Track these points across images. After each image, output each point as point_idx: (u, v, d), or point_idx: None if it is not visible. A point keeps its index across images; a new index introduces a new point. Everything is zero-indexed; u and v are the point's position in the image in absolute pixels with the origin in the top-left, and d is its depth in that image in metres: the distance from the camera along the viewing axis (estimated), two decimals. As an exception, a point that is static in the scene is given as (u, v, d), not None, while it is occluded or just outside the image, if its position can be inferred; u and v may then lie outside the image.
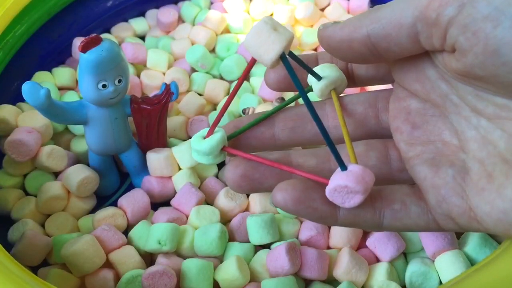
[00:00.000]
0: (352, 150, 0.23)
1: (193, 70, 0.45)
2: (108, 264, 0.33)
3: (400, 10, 0.21)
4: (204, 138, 0.25)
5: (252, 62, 0.23)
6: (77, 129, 0.40)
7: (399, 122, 0.25)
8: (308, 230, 0.34)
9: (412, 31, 0.21)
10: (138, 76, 0.44)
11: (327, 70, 0.27)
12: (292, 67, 0.22)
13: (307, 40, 0.46)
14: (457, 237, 0.33)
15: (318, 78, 0.26)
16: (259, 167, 0.25)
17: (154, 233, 0.33)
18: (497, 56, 0.19)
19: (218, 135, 0.25)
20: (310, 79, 0.27)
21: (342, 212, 0.23)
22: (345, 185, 0.22)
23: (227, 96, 0.43)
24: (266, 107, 0.40)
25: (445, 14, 0.20)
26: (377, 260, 0.33)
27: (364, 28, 0.22)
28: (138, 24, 0.49)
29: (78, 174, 0.36)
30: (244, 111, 0.36)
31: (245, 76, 0.23)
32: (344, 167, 0.22)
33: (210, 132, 0.25)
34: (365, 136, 0.27)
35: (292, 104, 0.28)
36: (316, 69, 0.27)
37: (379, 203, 0.23)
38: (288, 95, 0.42)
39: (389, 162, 0.25)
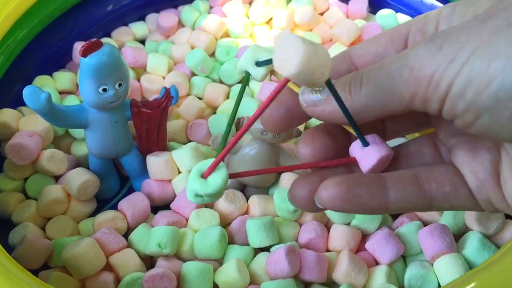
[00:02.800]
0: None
1: (193, 74, 0.45)
2: (108, 267, 0.33)
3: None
4: (204, 176, 0.22)
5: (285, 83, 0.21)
6: (78, 133, 0.41)
7: (435, 116, 0.25)
8: (308, 233, 0.34)
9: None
10: (138, 80, 0.44)
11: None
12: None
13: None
14: (455, 240, 0.33)
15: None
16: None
17: (154, 236, 0.33)
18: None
19: (224, 172, 0.21)
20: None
21: (392, 202, 0.23)
22: (385, 154, 0.23)
23: (227, 100, 0.43)
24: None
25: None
26: (376, 263, 0.34)
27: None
28: (138, 28, 0.49)
29: (79, 178, 0.36)
30: (238, 122, 0.36)
31: (274, 97, 0.21)
32: (366, 143, 0.24)
33: (212, 169, 0.22)
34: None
35: None
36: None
37: (428, 186, 0.23)
38: None
39: (440, 151, 0.26)
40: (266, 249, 0.34)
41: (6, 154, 0.37)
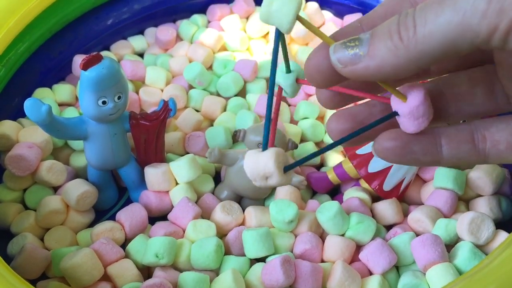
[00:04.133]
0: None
1: (191, 87, 0.46)
2: (106, 277, 0.33)
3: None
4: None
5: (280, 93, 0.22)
6: (76, 144, 0.41)
7: (503, 56, 0.22)
8: (303, 243, 0.34)
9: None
10: (137, 92, 0.45)
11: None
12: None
13: (302, 57, 0.47)
14: (447, 250, 0.33)
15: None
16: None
17: (151, 246, 0.33)
18: None
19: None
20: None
21: (446, 158, 0.23)
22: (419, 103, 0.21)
23: (224, 112, 0.44)
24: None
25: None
26: (370, 273, 0.34)
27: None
28: (137, 42, 0.50)
29: (77, 189, 0.36)
30: (235, 134, 0.37)
31: (278, 110, 0.22)
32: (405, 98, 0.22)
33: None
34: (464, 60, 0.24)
35: None
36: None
37: (483, 144, 0.22)
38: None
39: (495, 96, 0.24)
40: (262, 259, 0.35)
41: (6, 165, 0.37)
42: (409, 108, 0.21)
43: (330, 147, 0.23)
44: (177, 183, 0.38)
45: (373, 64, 0.19)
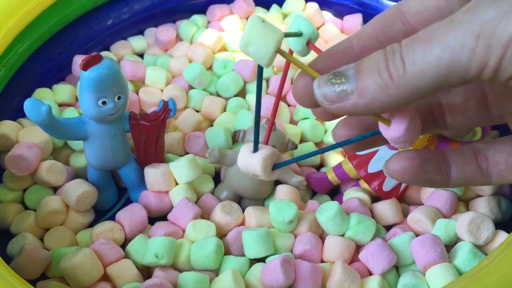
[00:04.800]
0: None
1: (191, 87, 0.46)
2: (106, 277, 0.33)
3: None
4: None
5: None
6: (76, 144, 0.41)
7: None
8: (302, 244, 0.34)
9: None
10: (137, 93, 0.45)
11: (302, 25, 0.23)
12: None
13: (301, 58, 0.47)
14: (447, 250, 0.33)
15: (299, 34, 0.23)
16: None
17: (151, 246, 0.33)
18: None
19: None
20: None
21: (453, 179, 0.23)
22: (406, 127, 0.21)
23: (224, 113, 0.44)
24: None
25: None
26: (370, 273, 0.34)
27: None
28: (137, 42, 0.50)
29: (77, 189, 0.37)
30: (234, 134, 0.37)
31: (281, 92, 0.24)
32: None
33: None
34: None
35: None
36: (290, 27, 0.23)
37: (485, 164, 0.23)
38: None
39: (488, 109, 0.24)
40: (262, 260, 0.35)
41: (6, 166, 0.37)
42: (390, 136, 0.21)
43: (327, 149, 0.23)
44: (177, 183, 0.38)
45: (362, 102, 0.19)
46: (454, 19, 0.18)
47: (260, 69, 0.21)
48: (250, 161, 0.23)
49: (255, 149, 0.24)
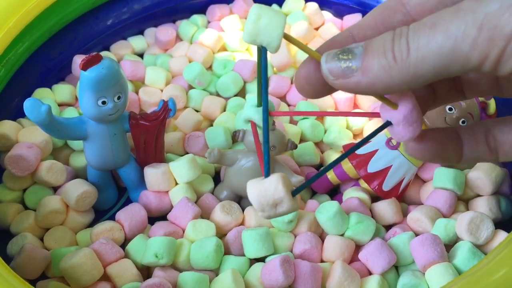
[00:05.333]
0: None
1: (190, 87, 0.46)
2: (105, 277, 0.33)
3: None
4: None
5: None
6: (76, 144, 0.41)
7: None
8: (302, 243, 0.34)
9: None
10: (137, 92, 0.45)
11: None
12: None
13: (301, 58, 0.47)
14: (447, 250, 0.33)
15: None
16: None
17: (151, 246, 0.33)
18: None
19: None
20: None
21: (465, 157, 0.24)
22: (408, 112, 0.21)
23: (223, 112, 0.44)
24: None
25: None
26: (369, 273, 0.34)
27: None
28: (136, 42, 0.50)
29: (77, 189, 0.37)
30: (234, 134, 0.37)
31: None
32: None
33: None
34: None
35: None
36: None
37: (494, 143, 0.23)
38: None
39: (500, 87, 0.24)
40: (262, 259, 0.35)
41: (6, 165, 0.37)
42: (402, 114, 0.21)
43: (336, 161, 0.22)
44: (176, 183, 0.38)
45: (365, 80, 0.19)
46: (460, 8, 0.18)
47: (264, 56, 0.21)
48: (266, 186, 0.20)
49: (267, 174, 0.20)
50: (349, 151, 0.23)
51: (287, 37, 0.21)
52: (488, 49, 0.17)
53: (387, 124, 0.22)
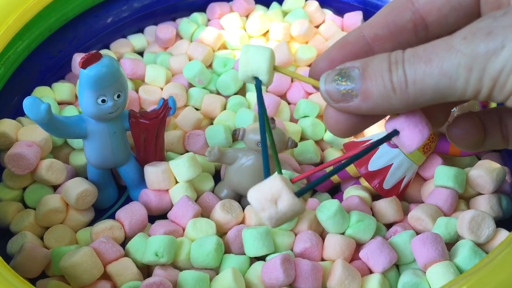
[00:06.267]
0: None
1: (191, 85, 0.46)
2: (106, 276, 0.33)
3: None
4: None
5: None
6: (76, 143, 0.41)
7: None
8: (303, 242, 0.34)
9: None
10: (137, 91, 0.45)
11: None
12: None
13: (302, 56, 0.47)
14: (448, 248, 0.33)
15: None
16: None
17: (151, 245, 0.33)
18: None
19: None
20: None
21: (485, 145, 0.24)
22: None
23: (224, 111, 0.44)
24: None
25: None
26: (370, 272, 0.34)
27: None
28: (136, 40, 0.50)
29: (77, 187, 0.36)
30: (234, 132, 0.37)
31: None
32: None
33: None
34: None
35: None
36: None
37: (505, 131, 0.24)
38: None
39: None
40: (262, 258, 0.35)
41: (5, 164, 0.37)
42: (404, 116, 0.21)
43: (342, 166, 0.22)
44: (177, 182, 0.38)
45: (365, 106, 0.20)
46: (453, 46, 0.19)
47: (259, 88, 0.22)
48: (264, 184, 0.20)
49: (266, 174, 0.20)
50: (353, 157, 0.22)
51: (278, 69, 0.22)
52: (479, 87, 0.19)
53: (394, 133, 0.22)
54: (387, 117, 0.23)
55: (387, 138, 0.22)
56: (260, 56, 0.22)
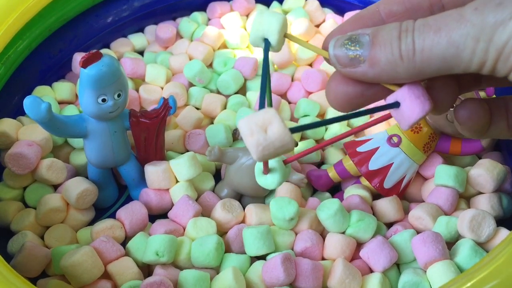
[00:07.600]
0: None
1: (191, 84, 0.46)
2: (106, 275, 0.33)
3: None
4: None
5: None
6: (77, 142, 0.41)
7: None
8: (303, 241, 0.34)
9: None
10: (137, 90, 0.45)
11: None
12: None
13: (302, 55, 0.47)
14: (448, 247, 0.33)
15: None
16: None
17: (151, 244, 0.33)
18: None
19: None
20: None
21: (489, 133, 0.25)
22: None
23: (224, 110, 0.44)
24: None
25: None
26: (371, 271, 0.34)
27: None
28: (137, 39, 0.50)
29: (77, 187, 0.36)
30: (235, 132, 0.37)
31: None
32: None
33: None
34: None
35: None
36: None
37: (511, 120, 0.25)
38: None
39: None
40: (263, 257, 0.35)
41: (6, 163, 0.37)
42: (407, 87, 0.21)
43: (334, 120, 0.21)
44: (177, 181, 0.38)
45: (372, 72, 0.20)
46: (463, 17, 0.19)
47: (267, 49, 0.22)
48: (260, 113, 0.19)
49: (261, 105, 0.21)
50: (351, 114, 0.22)
51: (288, 36, 0.22)
52: (484, 58, 0.19)
53: (395, 105, 0.22)
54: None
55: (388, 107, 0.22)
56: (273, 18, 0.22)
